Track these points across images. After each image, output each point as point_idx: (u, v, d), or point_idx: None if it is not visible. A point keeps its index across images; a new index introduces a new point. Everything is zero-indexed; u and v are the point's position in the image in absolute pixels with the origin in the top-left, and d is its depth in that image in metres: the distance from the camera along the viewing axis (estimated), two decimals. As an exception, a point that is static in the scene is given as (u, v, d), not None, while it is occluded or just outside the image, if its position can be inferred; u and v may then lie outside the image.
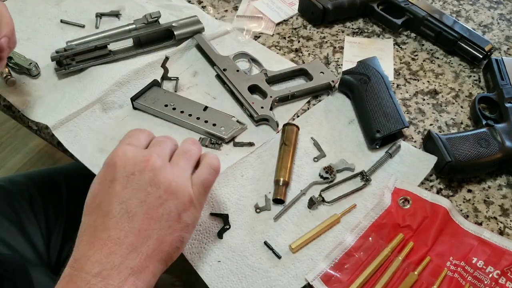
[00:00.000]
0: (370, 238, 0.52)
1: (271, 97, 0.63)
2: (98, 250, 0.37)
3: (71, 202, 0.76)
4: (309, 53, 0.73)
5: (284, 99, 0.65)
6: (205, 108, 0.63)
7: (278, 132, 0.62)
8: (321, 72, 0.67)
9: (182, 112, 0.62)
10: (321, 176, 0.57)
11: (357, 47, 0.74)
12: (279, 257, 0.51)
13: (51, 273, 0.67)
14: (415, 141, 0.62)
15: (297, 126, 0.61)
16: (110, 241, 0.37)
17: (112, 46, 0.69)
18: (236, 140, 0.61)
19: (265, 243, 0.52)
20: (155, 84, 0.65)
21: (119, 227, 0.38)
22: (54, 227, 0.73)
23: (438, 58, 0.73)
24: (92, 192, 0.41)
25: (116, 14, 0.76)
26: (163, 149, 0.43)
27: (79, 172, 0.79)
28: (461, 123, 0.64)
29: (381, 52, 0.73)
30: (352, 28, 0.77)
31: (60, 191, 0.76)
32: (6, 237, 0.65)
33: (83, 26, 0.74)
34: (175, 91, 0.66)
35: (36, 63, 0.67)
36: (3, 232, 0.66)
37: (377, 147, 0.60)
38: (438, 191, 0.57)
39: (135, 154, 0.41)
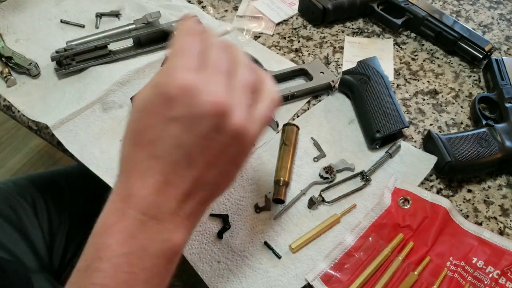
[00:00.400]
0: (370, 238, 0.52)
1: (271, 97, 0.63)
2: (154, 191, 0.34)
3: (73, 205, 0.76)
4: (309, 53, 0.73)
5: (284, 99, 0.65)
6: (205, 108, 0.63)
7: (278, 132, 0.62)
8: (321, 72, 0.67)
9: (182, 112, 0.62)
10: (321, 176, 0.57)
11: (357, 47, 0.74)
12: (279, 257, 0.51)
13: (52, 279, 0.67)
14: (415, 141, 0.62)
15: (297, 126, 0.61)
16: (167, 185, 0.34)
17: (112, 46, 0.69)
18: (236, 140, 0.61)
19: (265, 243, 0.52)
20: (155, 84, 0.65)
21: (177, 173, 0.34)
22: (57, 230, 0.72)
23: (438, 58, 0.73)
24: (141, 122, 0.35)
25: (116, 14, 0.76)
26: (230, 80, 0.35)
27: (81, 174, 0.79)
28: (461, 123, 0.64)
29: (381, 52, 0.73)
30: (352, 28, 0.77)
31: (62, 194, 0.76)
32: (7, 243, 0.65)
33: (83, 26, 0.74)
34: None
35: (36, 63, 0.67)
36: (5, 237, 0.66)
37: (377, 147, 0.60)
38: (438, 191, 0.57)
39: (200, 88, 0.33)
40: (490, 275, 0.49)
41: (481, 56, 0.69)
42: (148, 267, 0.33)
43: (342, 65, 0.71)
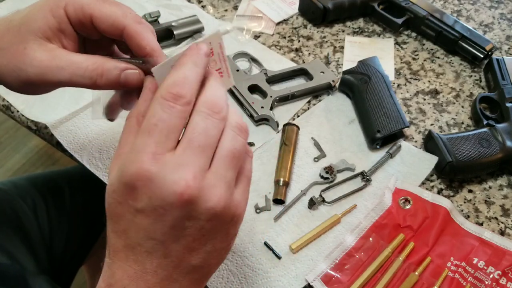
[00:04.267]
0: (371, 239, 0.52)
1: (271, 97, 0.63)
2: (134, 281, 0.32)
3: (73, 206, 0.75)
4: (309, 53, 0.72)
5: (284, 99, 0.65)
6: (205, 108, 0.62)
7: (278, 132, 0.62)
8: (321, 72, 0.67)
9: (182, 112, 0.61)
10: (322, 176, 0.57)
11: (358, 47, 0.74)
12: (279, 257, 0.51)
13: (52, 280, 0.66)
14: (415, 141, 0.62)
15: (297, 126, 0.60)
16: (146, 274, 0.32)
17: (112, 46, 0.69)
18: (236, 140, 0.61)
19: (265, 243, 0.52)
20: (154, 83, 0.65)
21: (154, 262, 0.32)
22: (56, 232, 0.72)
23: (438, 57, 0.73)
24: (113, 211, 0.33)
25: (115, 14, 0.75)
26: (202, 159, 0.31)
27: (81, 175, 0.79)
28: (462, 123, 0.64)
29: (381, 51, 0.73)
30: (353, 28, 0.77)
31: (62, 195, 0.76)
32: (7, 245, 0.64)
33: (82, 26, 0.74)
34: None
35: (35, 63, 0.66)
36: (5, 239, 0.65)
37: (378, 147, 0.60)
38: (439, 191, 0.57)
39: (162, 177, 0.30)
40: (491, 276, 0.49)
41: (482, 56, 0.69)
42: None
43: (342, 64, 0.71)
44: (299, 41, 0.74)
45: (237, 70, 0.66)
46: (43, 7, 0.38)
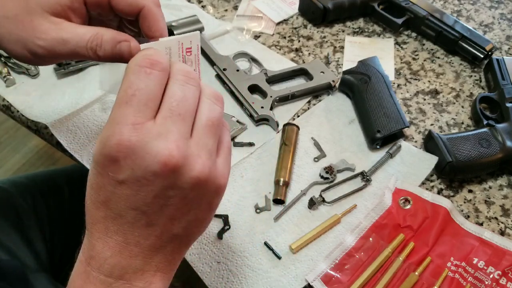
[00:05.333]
0: (371, 239, 0.52)
1: (271, 97, 0.63)
2: (116, 252, 0.32)
3: (73, 204, 0.76)
4: (309, 53, 0.72)
5: (284, 99, 0.65)
6: (205, 108, 0.62)
7: (278, 132, 0.62)
8: (321, 72, 0.67)
9: (182, 112, 0.61)
10: (322, 176, 0.57)
11: (358, 47, 0.74)
12: (279, 257, 0.51)
13: (52, 278, 0.66)
14: (415, 141, 0.62)
15: (297, 126, 0.60)
16: (128, 245, 0.32)
17: (112, 46, 0.69)
18: (236, 140, 0.61)
19: (265, 243, 0.52)
20: (154, 83, 0.65)
21: (136, 232, 0.32)
22: (56, 230, 0.72)
23: (438, 57, 0.73)
24: (94, 181, 0.32)
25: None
26: (183, 127, 0.31)
27: (81, 174, 0.79)
28: (462, 123, 0.64)
29: (381, 51, 0.73)
30: (353, 28, 0.77)
31: (62, 193, 0.76)
32: (6, 242, 0.65)
33: (82, 26, 0.74)
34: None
35: (35, 63, 0.66)
36: (4, 237, 0.66)
37: (378, 147, 0.60)
38: (439, 192, 0.57)
39: (144, 146, 0.29)
40: (491, 276, 0.49)
41: (482, 56, 0.69)
42: None
43: (342, 64, 0.71)
44: (299, 41, 0.74)
45: (237, 70, 0.66)
46: None
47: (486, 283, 0.48)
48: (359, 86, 0.63)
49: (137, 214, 0.31)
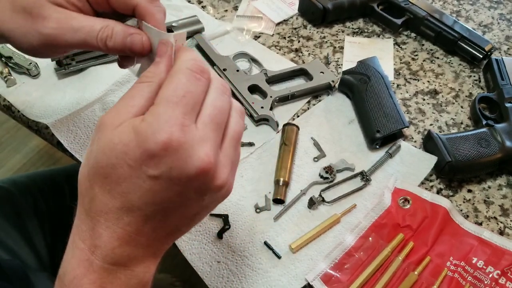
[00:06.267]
0: (370, 238, 0.52)
1: (271, 97, 0.63)
2: (124, 242, 0.32)
3: (74, 204, 0.76)
4: (309, 53, 0.73)
5: (284, 99, 0.65)
6: (205, 108, 0.63)
7: (278, 132, 0.62)
8: (321, 72, 0.67)
9: (182, 112, 0.62)
10: (321, 176, 0.57)
11: (357, 47, 0.74)
12: (279, 257, 0.51)
13: (53, 277, 0.67)
14: (415, 141, 0.62)
15: (297, 126, 0.61)
16: (138, 236, 0.32)
17: (112, 46, 0.69)
18: (236, 140, 0.61)
19: (265, 243, 0.52)
20: (155, 84, 0.65)
21: (148, 225, 0.32)
22: (57, 229, 0.72)
23: (438, 58, 0.73)
24: (117, 172, 0.31)
25: (116, 14, 0.76)
26: (218, 136, 0.33)
27: None
28: (461, 123, 0.64)
29: (381, 52, 0.73)
30: (352, 28, 0.77)
31: (63, 192, 0.76)
32: (7, 241, 0.65)
33: (83, 26, 0.74)
34: (175, 91, 0.66)
35: (36, 63, 0.67)
36: (5, 236, 0.66)
37: (377, 147, 0.60)
38: (438, 191, 0.57)
39: (187, 149, 0.30)
40: (490, 275, 0.49)
41: (481, 56, 0.69)
42: None
43: (342, 65, 0.71)
44: (299, 41, 0.74)
45: (237, 70, 0.66)
46: None
47: (485, 282, 0.48)
48: (359, 86, 0.63)
49: (156, 209, 0.32)
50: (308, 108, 0.65)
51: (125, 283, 0.33)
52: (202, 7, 0.79)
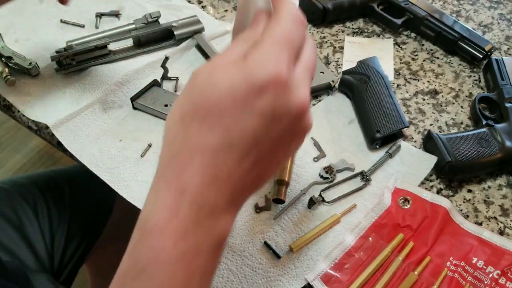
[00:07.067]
0: (370, 238, 0.52)
1: (271, 97, 0.63)
2: (214, 188, 0.31)
3: (73, 205, 0.76)
4: (309, 53, 0.73)
5: (284, 99, 0.65)
6: (205, 108, 0.63)
7: (278, 132, 0.62)
8: (321, 72, 0.67)
9: (182, 112, 0.62)
10: (321, 176, 0.57)
11: (357, 47, 0.74)
12: (279, 257, 0.51)
13: (53, 278, 0.67)
14: (415, 141, 0.62)
15: (297, 126, 0.61)
16: (228, 181, 0.31)
17: (112, 46, 0.69)
18: (236, 140, 0.61)
19: (265, 243, 0.52)
20: (155, 84, 0.65)
21: (241, 167, 0.31)
22: (57, 230, 0.72)
23: (438, 58, 0.73)
24: (221, 105, 0.30)
25: (116, 14, 0.76)
26: (309, 83, 0.34)
27: (81, 174, 0.79)
28: (461, 123, 0.64)
29: (381, 52, 0.73)
30: (352, 28, 0.77)
31: (62, 193, 0.76)
32: (7, 242, 0.65)
33: (83, 26, 0.74)
34: (175, 91, 0.66)
35: (36, 63, 0.67)
36: (5, 237, 0.66)
37: (377, 147, 0.60)
38: (438, 191, 0.57)
39: (292, 86, 0.31)
40: (490, 275, 0.49)
41: (481, 56, 0.69)
42: (202, 263, 0.32)
43: (342, 65, 0.71)
44: (299, 41, 0.74)
45: (237, 71, 0.66)
46: None
47: (485, 282, 0.48)
48: (359, 86, 0.63)
49: (253, 149, 0.31)
50: (308, 108, 0.65)
51: (207, 234, 0.31)
52: (202, 7, 0.79)
